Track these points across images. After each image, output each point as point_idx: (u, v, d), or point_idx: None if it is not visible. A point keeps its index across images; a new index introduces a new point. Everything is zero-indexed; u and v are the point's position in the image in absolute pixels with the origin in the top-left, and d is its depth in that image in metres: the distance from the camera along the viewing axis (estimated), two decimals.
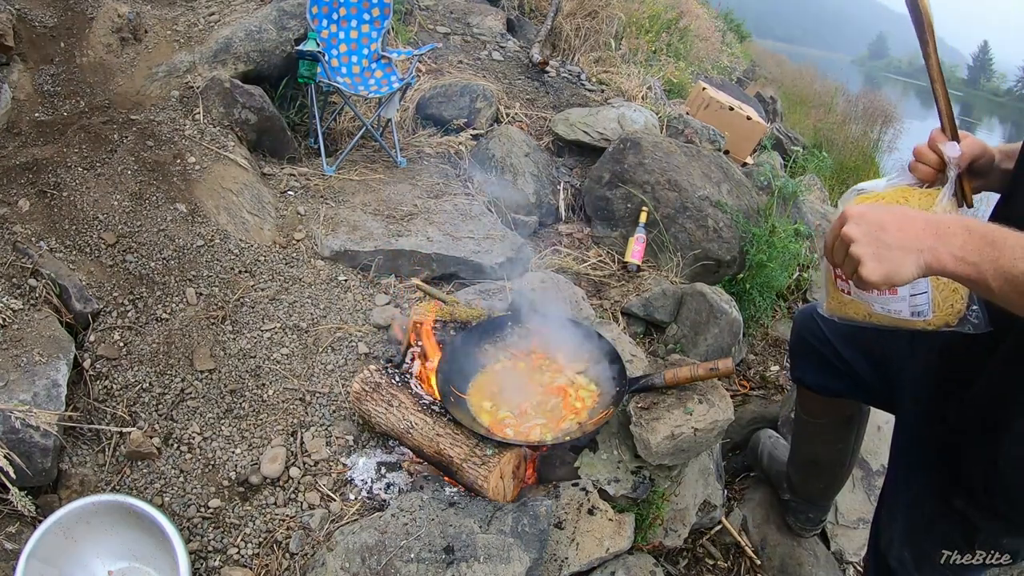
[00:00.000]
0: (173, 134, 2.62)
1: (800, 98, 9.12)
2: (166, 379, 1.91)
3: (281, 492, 1.70)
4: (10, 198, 2.18)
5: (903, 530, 1.25)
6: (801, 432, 1.84)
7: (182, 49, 2.96)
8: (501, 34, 4.68)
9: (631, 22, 5.19)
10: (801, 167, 4.67)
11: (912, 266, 0.83)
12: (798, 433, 1.86)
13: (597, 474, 1.73)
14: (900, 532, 1.26)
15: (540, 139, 3.63)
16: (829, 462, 1.83)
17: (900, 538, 1.26)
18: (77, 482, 1.67)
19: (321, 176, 2.96)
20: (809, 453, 1.86)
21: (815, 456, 1.84)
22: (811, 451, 1.85)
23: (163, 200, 2.37)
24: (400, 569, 1.40)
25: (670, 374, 1.74)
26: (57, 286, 1.94)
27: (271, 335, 2.11)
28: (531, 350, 1.95)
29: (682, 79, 5.06)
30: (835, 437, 1.76)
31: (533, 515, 1.52)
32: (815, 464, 1.87)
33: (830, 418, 1.71)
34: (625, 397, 1.73)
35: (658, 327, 2.60)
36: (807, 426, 1.78)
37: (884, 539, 1.30)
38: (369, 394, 1.77)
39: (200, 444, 1.79)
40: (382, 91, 3.17)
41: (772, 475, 2.13)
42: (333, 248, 2.48)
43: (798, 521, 2.03)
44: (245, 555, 1.58)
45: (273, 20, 3.14)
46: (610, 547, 1.63)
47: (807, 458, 1.88)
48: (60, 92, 2.66)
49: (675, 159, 3.03)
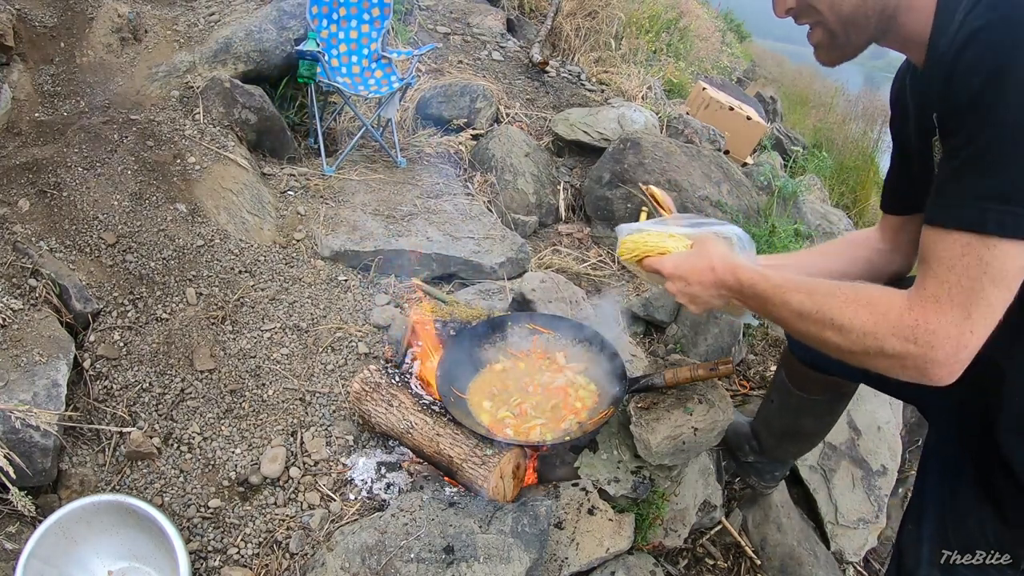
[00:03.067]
0: (173, 134, 2.62)
1: (800, 98, 9.10)
2: (166, 379, 1.91)
3: (281, 492, 1.70)
4: (10, 198, 2.18)
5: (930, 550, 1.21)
6: (787, 404, 1.77)
7: (182, 49, 2.96)
8: (501, 34, 4.68)
9: (631, 22, 5.19)
10: (801, 167, 4.67)
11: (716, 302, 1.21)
12: (781, 404, 1.79)
13: (597, 474, 1.73)
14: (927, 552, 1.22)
15: (540, 139, 3.63)
16: (814, 432, 1.80)
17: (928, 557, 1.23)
18: (77, 482, 1.67)
19: (321, 176, 2.96)
20: (793, 425, 1.80)
21: (799, 427, 1.79)
22: (796, 423, 1.79)
23: (163, 200, 2.36)
24: (400, 569, 1.40)
25: (670, 374, 1.74)
26: (57, 286, 1.94)
27: (271, 335, 2.11)
28: (531, 350, 1.95)
29: (682, 79, 5.06)
30: (826, 410, 1.72)
31: (533, 515, 1.52)
32: (798, 433, 1.82)
33: (825, 395, 1.66)
34: (625, 397, 1.73)
35: (658, 327, 2.60)
36: (797, 400, 1.71)
37: (910, 559, 1.26)
38: (369, 394, 1.77)
39: (200, 444, 1.79)
40: (382, 91, 3.17)
41: (729, 439, 2.04)
42: (333, 248, 2.48)
43: (763, 480, 1.98)
44: (245, 555, 1.57)
45: (273, 20, 3.14)
46: (610, 547, 1.63)
47: (790, 429, 1.82)
48: (60, 92, 2.66)
49: (675, 159, 3.03)
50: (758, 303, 1.12)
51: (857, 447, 2.27)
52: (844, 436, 2.27)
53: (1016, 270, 0.84)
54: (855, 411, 2.33)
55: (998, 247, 0.83)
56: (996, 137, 0.83)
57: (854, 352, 0.97)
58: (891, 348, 0.91)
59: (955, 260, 0.86)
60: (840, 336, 0.97)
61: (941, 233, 0.88)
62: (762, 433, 1.93)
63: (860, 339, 0.95)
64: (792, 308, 1.05)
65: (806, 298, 1.02)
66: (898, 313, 0.91)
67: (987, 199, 0.83)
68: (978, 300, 0.84)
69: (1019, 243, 0.83)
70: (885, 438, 2.29)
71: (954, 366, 0.88)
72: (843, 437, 2.27)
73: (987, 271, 0.84)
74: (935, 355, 0.87)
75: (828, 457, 2.22)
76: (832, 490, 2.18)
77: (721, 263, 1.17)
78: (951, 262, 0.86)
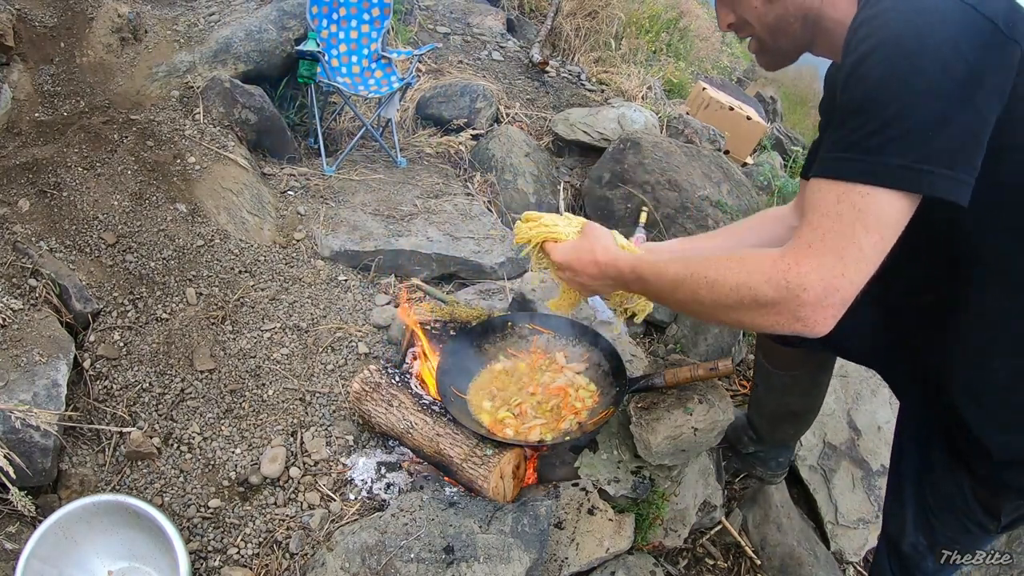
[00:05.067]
0: (173, 134, 2.62)
1: (800, 98, 9.09)
2: (166, 379, 1.91)
3: (281, 492, 1.70)
4: (10, 198, 2.18)
5: (914, 514, 1.25)
6: (770, 385, 1.77)
7: (182, 49, 2.96)
8: (501, 34, 4.68)
9: (631, 22, 5.19)
10: (801, 167, 4.66)
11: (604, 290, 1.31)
12: (766, 387, 1.79)
13: (597, 474, 1.73)
14: (912, 516, 1.26)
15: (540, 139, 3.63)
16: (804, 410, 1.79)
17: (912, 523, 1.26)
18: (77, 482, 1.67)
19: (321, 176, 2.96)
20: (782, 405, 1.79)
21: (788, 406, 1.79)
22: (783, 402, 1.78)
23: (163, 200, 2.36)
24: (400, 569, 1.40)
25: (670, 374, 1.74)
26: (57, 286, 1.94)
27: (271, 335, 2.11)
28: (531, 350, 1.95)
29: (682, 79, 5.06)
30: (810, 384, 1.71)
31: (533, 515, 1.52)
32: (788, 413, 1.81)
33: (804, 369, 1.66)
34: (625, 397, 1.73)
35: (658, 327, 2.60)
36: (779, 379, 1.71)
37: (895, 526, 1.30)
38: (369, 394, 1.77)
39: (200, 444, 1.79)
40: (382, 91, 3.17)
41: (728, 435, 2.01)
42: (333, 248, 2.48)
43: (768, 469, 1.97)
44: (245, 555, 1.57)
45: (273, 20, 3.14)
46: (610, 547, 1.63)
47: (779, 409, 1.81)
48: (60, 92, 2.66)
49: (675, 159, 3.03)
50: (641, 285, 1.18)
51: (857, 447, 2.27)
52: (844, 436, 2.27)
53: (891, 219, 0.86)
54: (855, 411, 2.33)
55: (871, 195, 0.85)
56: (867, 93, 0.86)
57: (728, 306, 0.97)
58: (764, 295, 0.91)
59: (830, 208, 0.87)
60: (713, 292, 0.98)
61: (819, 183, 0.91)
62: (756, 420, 1.93)
63: (734, 292, 0.95)
64: (669, 279, 1.08)
65: (682, 267, 1.05)
66: (771, 262, 0.91)
67: (861, 150, 0.86)
68: (850, 245, 0.85)
69: (891, 191, 0.85)
70: (885, 438, 2.29)
71: (827, 310, 0.88)
72: (843, 437, 2.27)
73: (860, 218, 0.85)
74: (806, 297, 0.87)
75: (828, 457, 2.22)
76: (832, 490, 2.18)
77: (603, 255, 1.24)
78: (826, 210, 0.88)
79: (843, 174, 0.87)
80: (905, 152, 0.83)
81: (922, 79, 0.82)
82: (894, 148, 0.84)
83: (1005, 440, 1.07)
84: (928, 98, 0.82)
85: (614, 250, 1.25)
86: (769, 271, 0.91)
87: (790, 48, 1.13)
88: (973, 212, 0.87)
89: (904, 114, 0.83)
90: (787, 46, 1.12)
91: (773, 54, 1.15)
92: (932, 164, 0.83)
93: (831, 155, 0.90)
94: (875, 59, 0.86)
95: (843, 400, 2.34)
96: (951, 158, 0.84)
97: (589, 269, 1.26)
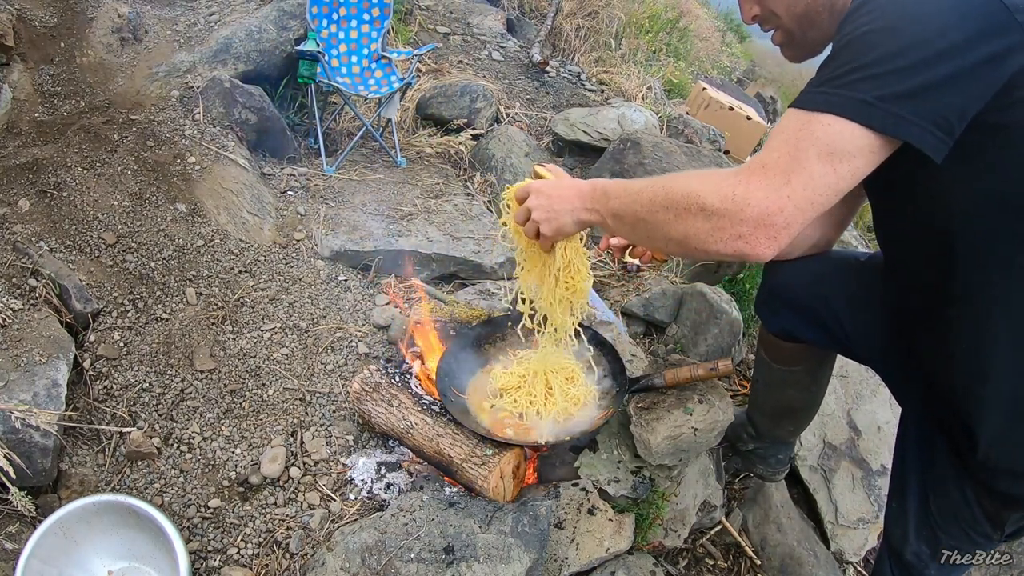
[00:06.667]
0: (173, 134, 2.62)
1: None
2: (166, 379, 1.91)
3: (281, 492, 1.70)
4: (10, 198, 2.18)
5: (916, 523, 1.25)
6: (770, 380, 1.76)
7: (182, 49, 2.96)
8: (501, 34, 4.68)
9: (631, 22, 5.19)
10: None
11: (570, 222, 1.19)
12: (767, 382, 1.78)
13: (597, 474, 1.73)
14: (914, 526, 1.25)
15: (540, 139, 3.63)
16: (803, 406, 1.78)
17: (915, 532, 1.25)
18: (77, 482, 1.67)
19: (321, 176, 2.96)
20: (781, 400, 1.79)
21: (788, 402, 1.78)
22: (783, 397, 1.77)
23: (163, 200, 2.36)
24: (400, 569, 1.40)
25: (670, 374, 1.74)
26: (57, 286, 1.94)
27: (271, 335, 2.11)
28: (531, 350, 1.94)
29: (682, 79, 5.06)
30: (810, 381, 1.70)
31: (533, 515, 1.52)
32: (788, 408, 1.80)
33: (804, 366, 1.65)
34: (625, 397, 1.73)
35: (658, 327, 2.60)
36: (779, 374, 1.70)
37: (897, 535, 1.29)
38: (369, 394, 1.77)
39: (200, 444, 1.79)
40: (382, 91, 3.17)
41: (727, 434, 1.97)
42: (333, 248, 2.48)
43: (768, 467, 1.96)
44: (245, 555, 1.57)
45: (273, 20, 3.14)
46: (610, 547, 1.63)
47: (779, 405, 1.81)
48: (60, 92, 2.66)
49: (675, 159, 3.03)
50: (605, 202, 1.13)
51: (857, 447, 2.27)
52: (844, 436, 2.27)
53: (847, 152, 0.86)
54: (855, 411, 2.33)
55: (832, 125, 0.85)
56: (857, 35, 0.88)
57: (677, 213, 0.97)
58: (710, 204, 0.92)
59: (791, 134, 0.89)
60: (667, 196, 0.99)
61: (788, 112, 0.92)
62: (755, 416, 1.92)
63: (684, 198, 0.96)
64: (634, 189, 1.07)
65: (645, 180, 1.06)
66: (724, 176, 0.93)
67: (835, 84, 0.87)
68: (801, 170, 0.86)
69: (854, 124, 0.85)
70: (885, 438, 2.29)
71: (768, 230, 0.88)
72: (843, 437, 2.27)
73: (815, 144, 0.86)
74: (749, 212, 0.88)
75: (828, 457, 2.22)
76: (832, 490, 2.18)
77: (585, 183, 1.21)
78: (787, 136, 0.89)
79: (810, 104, 0.88)
80: (877, 90, 0.84)
81: (915, 30, 0.83)
82: (867, 86, 0.84)
83: (1009, 451, 1.06)
84: (916, 50, 0.83)
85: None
86: (720, 183, 0.92)
87: (818, 38, 1.12)
88: (973, 212, 0.87)
89: (886, 58, 0.84)
90: (816, 36, 1.12)
91: (800, 46, 1.15)
92: (901, 108, 0.83)
93: (807, 88, 0.91)
94: (874, 5, 0.88)
95: (843, 400, 2.34)
96: (924, 108, 0.84)
97: (566, 192, 1.21)
